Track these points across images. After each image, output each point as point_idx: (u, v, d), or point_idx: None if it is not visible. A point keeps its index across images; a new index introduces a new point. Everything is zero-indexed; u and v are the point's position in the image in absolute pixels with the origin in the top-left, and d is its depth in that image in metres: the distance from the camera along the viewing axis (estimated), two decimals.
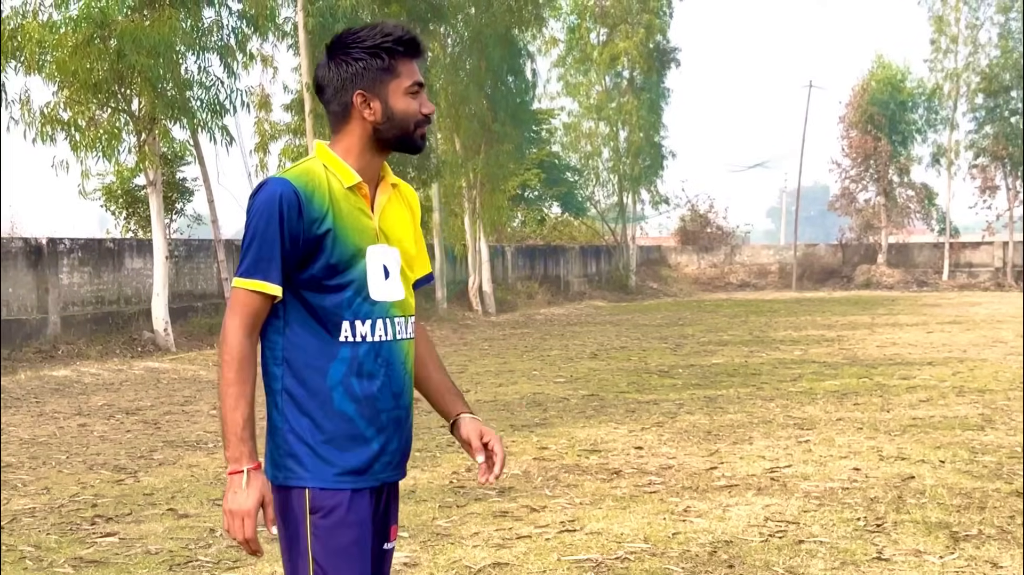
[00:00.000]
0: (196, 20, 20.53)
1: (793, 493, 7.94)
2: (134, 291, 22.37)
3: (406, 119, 3.15)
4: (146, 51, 18.64)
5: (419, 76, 3.16)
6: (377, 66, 3.13)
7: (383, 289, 3.13)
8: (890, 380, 14.86)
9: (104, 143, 20.05)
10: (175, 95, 20.07)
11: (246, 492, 2.97)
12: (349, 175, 3.12)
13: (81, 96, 19.71)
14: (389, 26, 3.16)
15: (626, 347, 21.12)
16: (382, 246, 3.15)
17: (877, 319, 28.35)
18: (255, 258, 3.01)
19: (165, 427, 11.91)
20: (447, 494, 8.11)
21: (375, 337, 3.11)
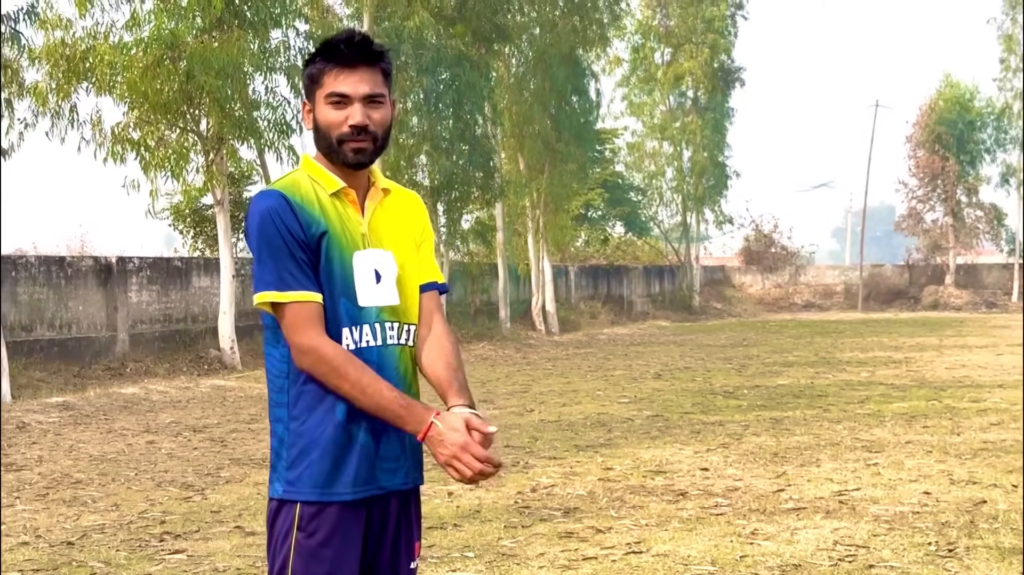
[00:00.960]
0: (264, 41, 20.74)
1: (862, 517, 7.84)
2: (201, 309, 22.60)
3: (327, 130, 3.08)
4: (215, 72, 18.84)
5: (343, 87, 3.06)
6: (309, 75, 3.12)
7: (372, 294, 3.10)
8: (960, 403, 14.66)
9: (173, 163, 20.29)
10: (243, 115, 20.27)
11: (450, 432, 2.95)
12: (331, 181, 3.10)
13: (151, 116, 19.97)
14: (339, 33, 3.14)
15: (690, 367, 21.01)
16: (373, 250, 3.12)
17: (945, 340, 28.01)
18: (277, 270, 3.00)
19: (231, 445, 12.00)
20: (512, 514, 8.10)
21: (363, 343, 3.07)
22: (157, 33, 19.03)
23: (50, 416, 14.30)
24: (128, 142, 20.09)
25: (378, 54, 3.11)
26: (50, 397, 15.90)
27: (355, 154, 3.07)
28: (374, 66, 3.09)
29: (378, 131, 3.10)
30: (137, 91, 19.16)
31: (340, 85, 3.05)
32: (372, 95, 3.07)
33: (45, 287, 19.37)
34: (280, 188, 3.07)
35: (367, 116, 3.06)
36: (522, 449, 11.22)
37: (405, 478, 3.15)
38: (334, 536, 3.04)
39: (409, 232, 3.25)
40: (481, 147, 27.99)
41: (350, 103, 3.05)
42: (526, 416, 14.06)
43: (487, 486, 9.06)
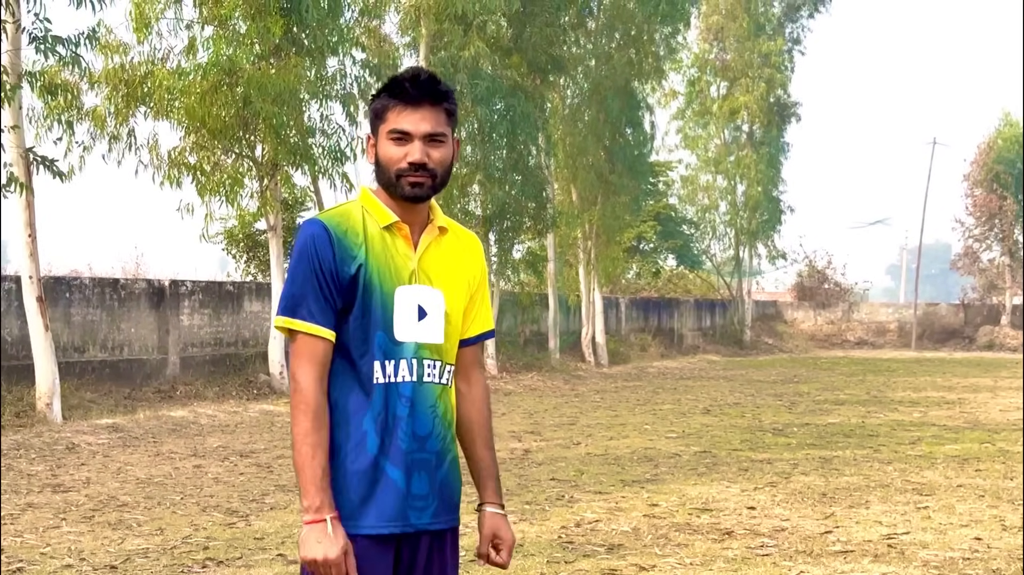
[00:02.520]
0: (320, 69, 20.88)
1: (911, 561, 7.72)
2: (252, 334, 22.71)
3: (387, 165, 3.13)
4: (271, 98, 18.97)
5: (405, 124, 3.11)
6: (374, 109, 3.18)
7: (413, 330, 3.13)
8: (1014, 446, 14.43)
9: (228, 188, 20.43)
10: (298, 142, 20.39)
11: (330, 540, 2.97)
12: (384, 215, 3.15)
13: (207, 141, 20.13)
14: (406, 71, 3.20)
15: (739, 403, 20.85)
16: (420, 286, 3.15)
17: (1000, 382, 27.65)
18: (296, 298, 3.07)
19: (277, 471, 12.01)
20: (555, 549, 8.04)
21: (398, 377, 3.10)
22: (215, 59, 19.19)
23: (99, 438, 14.39)
24: (184, 166, 20.27)
25: (443, 94, 3.15)
26: (100, 418, 16.00)
27: (412, 188, 3.11)
28: (438, 105, 3.13)
29: (437, 169, 3.14)
30: (194, 116, 19.32)
31: (402, 122, 3.10)
32: (433, 134, 3.12)
33: (98, 309, 19.53)
34: (326, 219, 3.12)
35: (426, 154, 3.10)
36: (567, 483, 11.16)
37: (434, 518, 3.17)
38: (361, 569, 3.04)
39: (462, 273, 3.28)
40: (534, 177, 28.01)
41: (411, 140, 3.10)
42: (572, 449, 14.00)
43: (531, 519, 9.01)
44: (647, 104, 35.73)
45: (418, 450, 3.11)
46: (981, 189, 51.27)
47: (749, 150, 45.02)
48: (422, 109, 3.10)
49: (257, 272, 26.22)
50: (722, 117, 44.86)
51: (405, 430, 3.10)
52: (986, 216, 51.23)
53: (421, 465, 3.11)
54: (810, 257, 54.93)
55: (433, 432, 3.16)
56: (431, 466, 3.15)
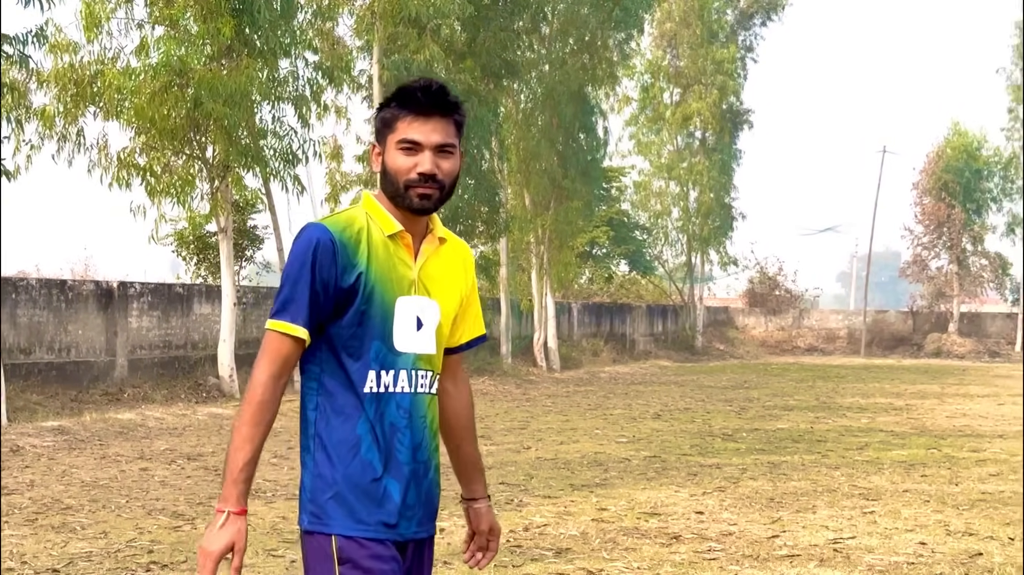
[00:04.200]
0: (272, 70, 20.76)
1: (857, 566, 7.76)
2: (201, 336, 22.55)
3: (395, 175, 3.08)
4: (222, 100, 18.86)
5: (416, 134, 3.07)
6: (383, 118, 3.14)
7: (411, 340, 3.12)
8: (959, 452, 14.57)
9: (178, 189, 20.29)
10: (249, 144, 20.29)
11: (218, 534, 2.98)
12: (389, 224, 3.11)
13: (157, 142, 19.98)
14: (414, 81, 3.14)
15: (690, 409, 20.93)
16: (419, 297, 3.13)
17: (947, 389, 27.92)
18: (284, 300, 3.02)
19: None
20: (503, 553, 8.02)
21: (397, 388, 3.09)
22: (166, 60, 19.07)
23: (45, 440, 14.24)
24: (134, 167, 20.10)
25: (454, 105, 3.12)
26: (46, 421, 15.83)
27: (420, 200, 3.08)
28: (448, 116, 3.11)
29: (445, 180, 3.11)
30: (144, 117, 19.18)
31: (413, 132, 3.06)
32: (443, 145, 3.09)
33: (45, 310, 19.33)
34: (330, 224, 3.06)
35: (436, 165, 3.07)
36: (517, 487, 11.15)
37: (419, 526, 3.18)
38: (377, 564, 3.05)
39: (457, 283, 3.28)
40: (487, 182, 27.99)
41: (421, 151, 3.07)
42: (523, 453, 13.99)
43: None
44: (600, 110, 35.82)
45: (411, 461, 3.11)
46: (930, 198, 51.77)
47: (702, 156, 45.26)
48: (433, 120, 3.08)
49: (207, 274, 26.06)
50: (675, 123, 45.06)
51: (403, 441, 3.10)
52: (934, 224, 51.72)
53: (413, 476, 3.12)
54: (761, 264, 55.29)
55: (423, 442, 3.16)
56: (420, 476, 3.15)
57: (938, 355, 48.31)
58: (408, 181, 3.06)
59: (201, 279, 26.10)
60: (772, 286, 54.84)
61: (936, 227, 51.75)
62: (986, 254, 52.22)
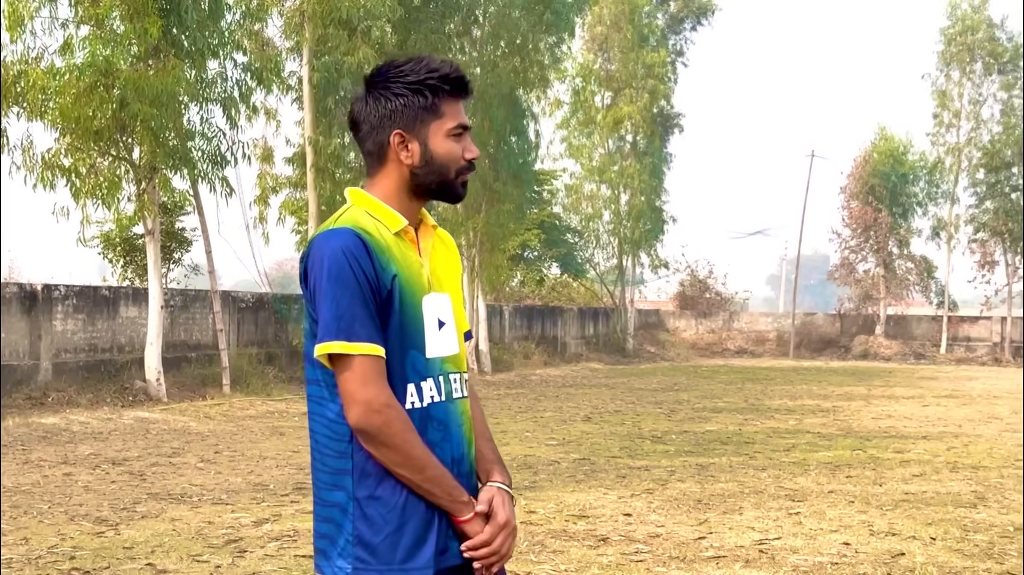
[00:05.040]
0: (200, 71, 20.59)
1: (781, 566, 7.82)
2: (128, 340, 22.29)
3: (447, 164, 2.87)
4: (149, 100, 18.68)
5: (464, 118, 2.90)
6: (419, 104, 2.85)
7: (438, 343, 2.87)
8: (884, 453, 14.74)
9: (104, 191, 20.04)
10: (176, 145, 20.10)
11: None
12: (395, 219, 2.86)
13: (82, 143, 19.73)
14: (435, 61, 2.89)
15: (620, 411, 21.00)
16: (435, 294, 2.90)
17: (873, 390, 28.24)
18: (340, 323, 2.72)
19: (151, 479, 11.79)
20: None
21: (429, 398, 2.82)
22: (91, 59, 18.83)
23: None
24: (59, 168, 19.82)
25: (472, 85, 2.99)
26: None
27: (463, 188, 2.94)
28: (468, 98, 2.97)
29: None
30: (69, 117, 18.94)
31: (462, 117, 2.90)
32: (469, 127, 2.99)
33: None
34: (352, 226, 2.78)
35: None
36: None
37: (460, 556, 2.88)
38: None
39: (454, 272, 3.07)
40: None
41: (466, 135, 2.92)
42: None
43: None
44: (532, 113, 35.88)
45: (455, 475, 2.84)
46: (857, 201, 52.36)
47: (633, 160, 45.44)
48: (464, 102, 2.94)
49: (134, 277, 25.77)
50: (606, 127, 45.22)
51: (441, 456, 2.81)
52: (862, 228, 52.32)
53: None
54: (692, 267, 55.68)
55: (464, 453, 2.92)
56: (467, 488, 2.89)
57: (865, 357, 48.89)
58: (460, 168, 2.90)
59: (128, 282, 25.81)
60: (702, 289, 55.23)
61: (863, 231, 52.35)
62: (912, 257, 52.90)
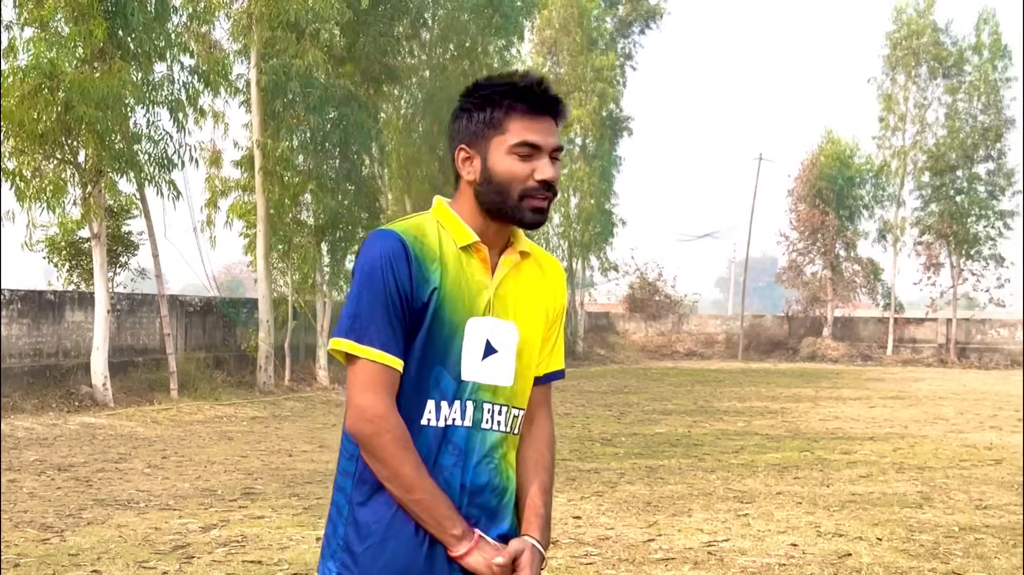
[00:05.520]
0: (146, 74, 20.42)
1: (730, 568, 7.86)
2: (74, 344, 22.06)
3: (507, 183, 2.71)
4: (94, 103, 18.50)
5: (535, 136, 2.71)
6: (481, 119, 2.75)
7: (477, 368, 2.74)
8: (831, 454, 14.86)
9: (49, 194, 19.83)
10: (123, 148, 19.92)
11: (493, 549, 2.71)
12: (464, 234, 2.76)
13: (27, 146, 19.52)
14: (518, 75, 2.77)
15: (570, 414, 21.03)
16: (491, 319, 2.76)
17: (821, 392, 28.45)
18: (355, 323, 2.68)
19: (97, 485, 11.68)
20: None
21: (449, 420, 2.72)
22: (35, 61, 18.64)
23: None
24: (3, 172, 19.60)
25: (563, 105, 2.79)
26: None
27: (534, 213, 2.73)
28: (558, 117, 2.78)
29: (556, 188, 2.77)
30: (13, 120, 18.73)
31: (531, 134, 2.71)
32: (558, 149, 2.77)
33: None
34: (402, 231, 2.72)
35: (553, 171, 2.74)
36: None
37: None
38: None
39: (541, 304, 2.89)
40: (367, 187, 27.88)
41: (539, 155, 2.72)
42: None
43: None
44: None
45: (467, 505, 2.75)
46: (804, 204, 52.75)
47: (582, 163, 45.54)
48: (545, 120, 2.74)
49: (80, 281, 25.49)
50: None
51: (450, 481, 2.72)
52: (809, 231, 52.71)
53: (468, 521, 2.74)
54: (641, 269, 55.87)
55: (488, 486, 2.78)
56: (481, 524, 2.76)
57: (813, 359, 49.23)
58: (526, 190, 2.71)
59: (74, 286, 25.54)
60: (652, 291, 55.43)
61: (811, 233, 52.74)
62: (859, 260, 53.34)
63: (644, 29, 48.08)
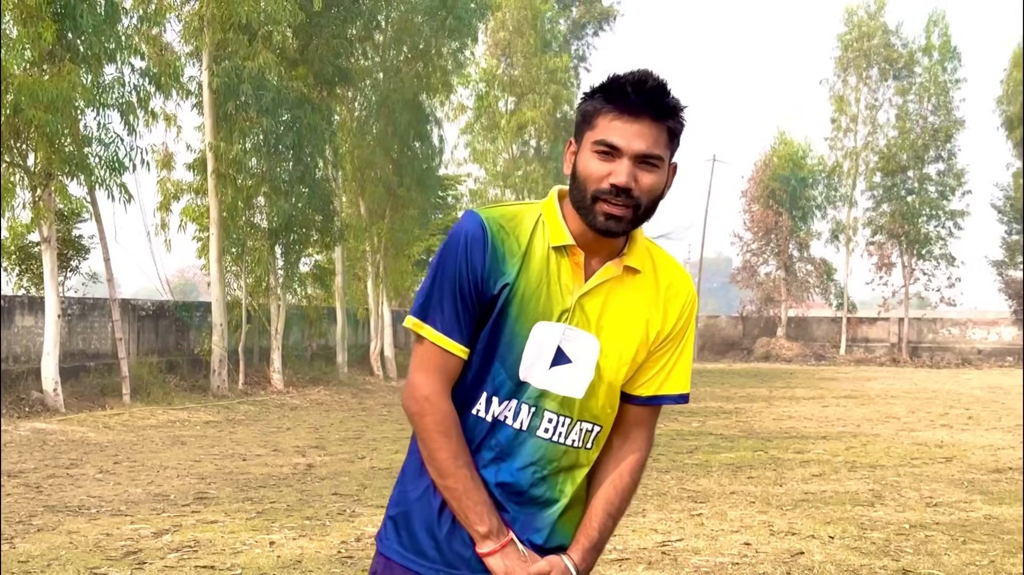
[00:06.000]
0: (96, 76, 20.25)
1: (683, 567, 7.89)
2: (24, 349, 21.84)
3: (584, 182, 2.58)
4: (44, 106, 18.32)
5: (616, 136, 2.54)
6: (583, 112, 2.63)
7: (542, 374, 2.64)
8: (784, 454, 14.95)
9: None
10: (73, 151, 19.74)
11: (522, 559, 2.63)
12: (559, 233, 2.64)
13: None
14: (626, 73, 2.61)
15: None
16: (570, 328, 2.64)
17: (775, 392, 28.62)
18: (429, 300, 2.63)
19: (47, 491, 11.57)
20: (334, 564, 7.94)
21: (500, 417, 2.66)
22: None
23: None
24: None
25: (670, 109, 2.59)
26: None
27: (606, 219, 2.56)
28: (661, 122, 2.57)
29: (643, 198, 2.58)
30: None
31: (613, 134, 2.55)
32: (648, 155, 2.56)
33: None
34: (487, 216, 2.64)
35: (633, 177, 2.55)
36: (350, 497, 11.06)
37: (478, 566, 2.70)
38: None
39: (642, 322, 2.72)
40: (321, 190, 27.78)
41: (619, 157, 2.55)
42: (357, 463, 13.89)
43: (311, 535, 8.89)
44: (435, 118, 35.83)
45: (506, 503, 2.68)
46: (758, 205, 53.10)
47: (537, 165, 45.60)
48: (641, 122, 2.55)
49: (30, 285, 25.24)
50: (510, 132, 45.33)
51: (485, 475, 2.66)
52: (763, 231, 53.05)
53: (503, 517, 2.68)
54: None
55: (532, 492, 2.69)
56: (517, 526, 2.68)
57: (767, 359, 49.54)
58: (598, 192, 2.55)
59: (23, 290, 25.29)
60: None
61: (764, 234, 53.08)
62: (812, 260, 53.75)
63: (598, 31, 48.29)
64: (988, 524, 9.69)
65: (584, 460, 2.74)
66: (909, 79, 50.75)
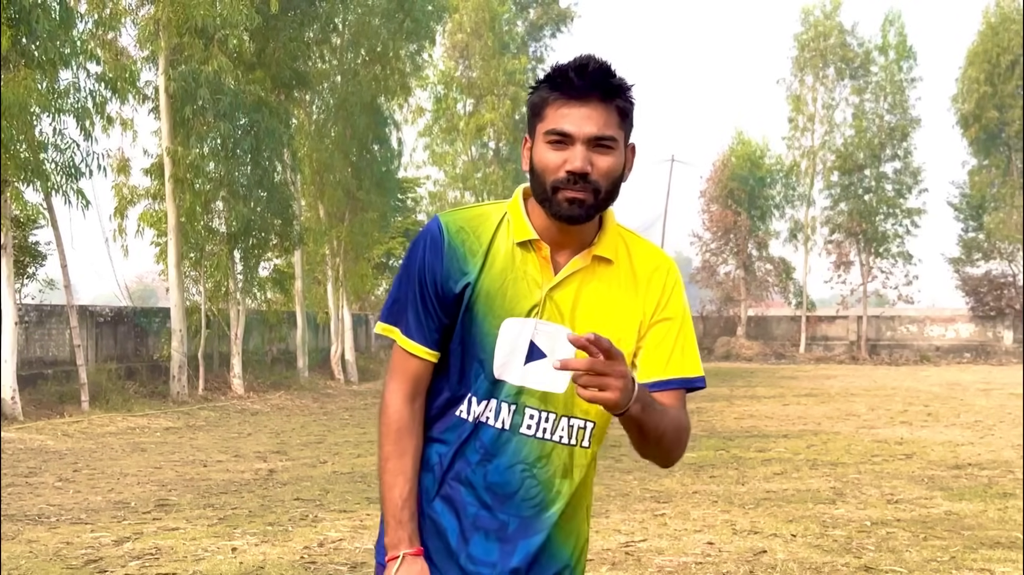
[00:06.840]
0: (52, 82, 20.07)
1: (647, 568, 7.90)
2: None
3: (541, 173, 2.54)
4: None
5: (565, 123, 2.50)
6: (531, 105, 2.61)
7: (518, 371, 2.60)
8: (746, 452, 15.01)
9: None
10: (28, 157, 19.56)
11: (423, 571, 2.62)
12: (522, 229, 2.62)
13: None
14: (573, 59, 2.57)
15: None
16: (541, 322, 2.60)
17: (736, 391, 28.73)
18: (395, 305, 2.67)
19: (6, 500, 11.46)
20: (297, 570, 7.91)
21: (481, 418, 2.63)
22: None
23: None
24: None
25: (616, 88, 2.54)
26: None
27: (569, 204, 2.51)
28: (609, 102, 2.53)
29: (601, 181, 2.52)
30: None
31: (563, 121, 2.51)
32: (600, 137, 2.51)
33: None
34: (447, 220, 2.64)
35: (589, 161, 2.50)
36: (312, 502, 11.01)
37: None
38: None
39: (622, 312, 2.66)
40: (280, 194, 27.66)
41: (572, 144, 2.50)
42: (319, 468, 13.84)
43: (273, 541, 8.85)
44: (394, 121, 35.83)
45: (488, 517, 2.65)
46: (717, 205, 53.36)
47: (496, 166, 45.64)
48: (589, 106, 2.50)
49: None
50: (469, 134, 45.36)
51: (472, 477, 2.64)
52: (722, 231, 53.30)
53: (492, 533, 2.65)
54: None
55: (521, 493, 2.65)
56: (506, 533, 2.65)
57: (728, 358, 49.76)
58: (556, 182, 2.51)
59: None
60: None
61: (723, 234, 53.34)
62: (771, 259, 54.05)
63: (555, 33, 48.37)
64: (949, 520, 9.76)
65: (581, 459, 2.69)
66: (865, 78, 51.14)
